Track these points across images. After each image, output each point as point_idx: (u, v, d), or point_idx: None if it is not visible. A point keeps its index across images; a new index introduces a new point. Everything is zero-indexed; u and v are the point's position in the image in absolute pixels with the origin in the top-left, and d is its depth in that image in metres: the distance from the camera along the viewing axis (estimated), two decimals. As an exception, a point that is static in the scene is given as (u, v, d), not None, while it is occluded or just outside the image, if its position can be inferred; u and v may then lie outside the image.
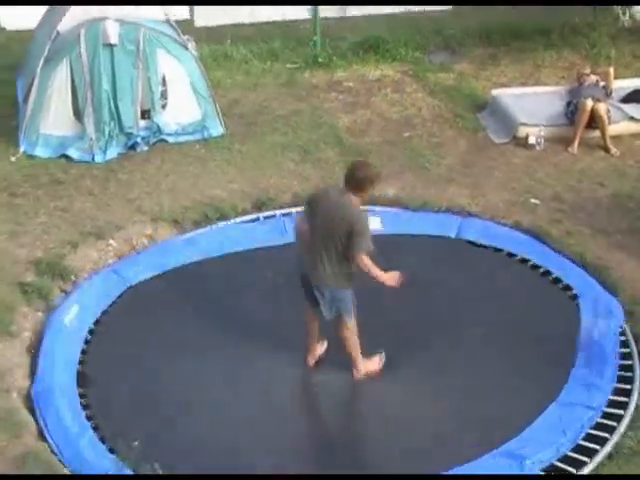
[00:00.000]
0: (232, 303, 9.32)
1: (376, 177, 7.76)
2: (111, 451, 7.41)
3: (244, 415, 7.99)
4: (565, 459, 7.39)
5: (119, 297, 9.41)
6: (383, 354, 8.41)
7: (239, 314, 9.14)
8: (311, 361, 8.48)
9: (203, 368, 8.51)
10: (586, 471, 7.27)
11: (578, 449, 7.48)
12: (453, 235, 10.29)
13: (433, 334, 8.88)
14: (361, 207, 7.75)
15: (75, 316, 8.96)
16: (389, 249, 8.25)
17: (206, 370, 8.49)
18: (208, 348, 8.73)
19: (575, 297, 9.19)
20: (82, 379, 8.34)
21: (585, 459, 7.37)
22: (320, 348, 8.47)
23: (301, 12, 14.38)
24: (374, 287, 7.68)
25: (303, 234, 7.93)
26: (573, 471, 7.27)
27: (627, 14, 13.72)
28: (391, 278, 7.70)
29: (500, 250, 10.04)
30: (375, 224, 10.06)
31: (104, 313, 9.19)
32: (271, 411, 8.07)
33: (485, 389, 8.21)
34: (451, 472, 7.19)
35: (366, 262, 7.55)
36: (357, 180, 7.59)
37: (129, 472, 7.10)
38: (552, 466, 7.31)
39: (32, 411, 7.91)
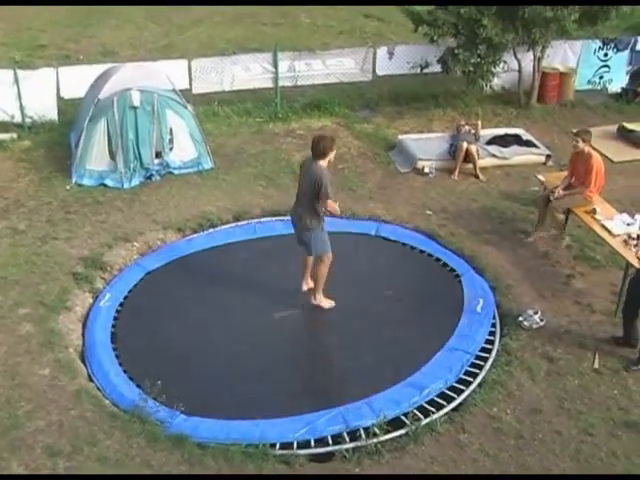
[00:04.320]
0: (219, 279, 9.31)
1: (330, 143, 7.88)
2: (138, 386, 7.46)
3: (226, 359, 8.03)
4: (450, 388, 7.49)
5: (140, 281, 9.34)
6: (334, 302, 8.43)
7: (225, 286, 9.13)
8: (304, 287, 8.43)
9: (202, 328, 8.50)
10: (463, 396, 7.37)
11: (459, 381, 7.59)
12: (373, 233, 10.27)
13: (360, 297, 8.94)
14: (326, 166, 7.90)
15: (108, 299, 8.91)
16: (331, 241, 8.27)
17: (204, 329, 8.49)
18: (205, 312, 8.74)
19: (458, 276, 9.27)
20: (114, 338, 8.34)
21: (463, 387, 7.50)
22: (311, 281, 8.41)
23: (266, 82, 14.24)
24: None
25: None
26: (455, 396, 7.37)
27: (488, 85, 13.86)
28: (335, 208, 8.06)
29: (405, 244, 10.06)
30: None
31: (130, 292, 9.13)
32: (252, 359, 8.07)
33: (396, 340, 8.24)
34: (372, 397, 7.25)
35: (328, 202, 7.89)
36: (318, 150, 7.77)
37: (152, 402, 7.16)
38: (442, 393, 7.40)
39: (83, 361, 7.98)
